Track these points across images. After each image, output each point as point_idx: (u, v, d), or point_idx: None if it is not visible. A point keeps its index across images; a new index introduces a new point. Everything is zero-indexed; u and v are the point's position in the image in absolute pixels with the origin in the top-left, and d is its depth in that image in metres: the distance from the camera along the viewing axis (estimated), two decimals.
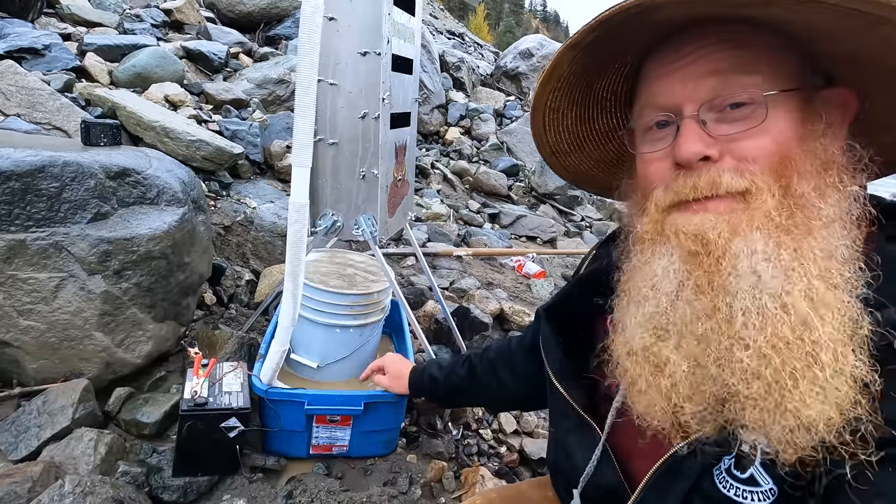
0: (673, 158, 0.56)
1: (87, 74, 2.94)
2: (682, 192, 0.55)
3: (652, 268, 0.57)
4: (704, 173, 0.53)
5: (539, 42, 6.86)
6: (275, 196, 2.85)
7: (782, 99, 0.53)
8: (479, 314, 2.30)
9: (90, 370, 1.48)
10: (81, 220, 1.42)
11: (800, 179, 0.52)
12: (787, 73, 0.54)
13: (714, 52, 0.54)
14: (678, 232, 0.55)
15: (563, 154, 0.75)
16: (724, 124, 0.54)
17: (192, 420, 1.32)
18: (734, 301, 0.49)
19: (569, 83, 0.64)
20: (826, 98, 0.56)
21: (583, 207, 4.80)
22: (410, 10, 1.76)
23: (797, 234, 0.50)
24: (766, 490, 0.51)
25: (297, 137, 1.22)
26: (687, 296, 0.53)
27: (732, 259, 0.50)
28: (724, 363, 0.50)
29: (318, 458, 1.56)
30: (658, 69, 0.59)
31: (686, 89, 0.55)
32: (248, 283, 2.25)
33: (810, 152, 0.53)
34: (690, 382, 0.53)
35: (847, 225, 0.52)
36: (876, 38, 0.47)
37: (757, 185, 0.52)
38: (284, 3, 4.60)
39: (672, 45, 0.57)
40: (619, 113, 0.72)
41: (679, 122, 0.55)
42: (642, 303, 0.58)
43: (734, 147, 0.53)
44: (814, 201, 0.51)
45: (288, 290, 1.35)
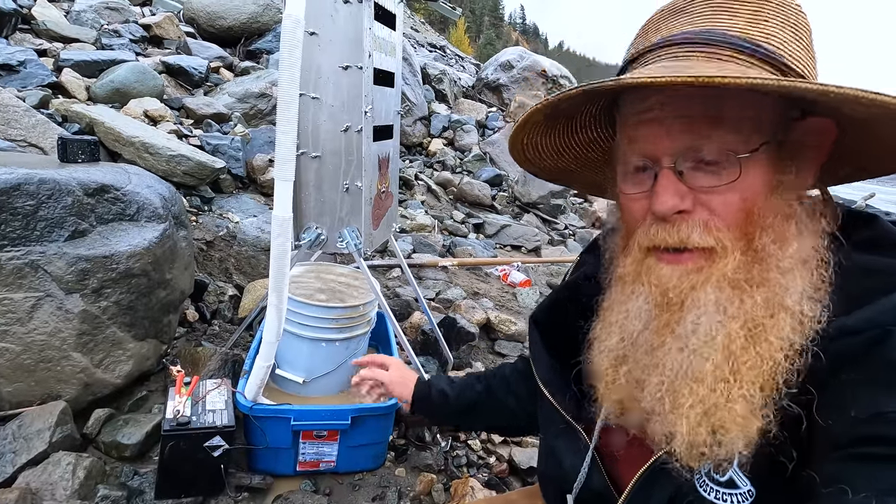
0: (650, 206, 0.58)
1: (63, 90, 2.90)
2: (655, 241, 0.58)
3: (626, 306, 0.63)
4: (675, 229, 0.56)
5: (519, 54, 6.97)
6: (258, 210, 2.83)
7: (757, 155, 0.53)
8: (465, 324, 2.31)
9: (68, 392, 1.44)
10: (58, 239, 1.40)
11: (762, 234, 0.54)
12: (758, 124, 0.54)
13: (689, 107, 0.54)
14: (650, 282, 0.60)
15: (549, 171, 0.77)
16: (700, 174, 0.55)
17: (174, 440, 1.30)
18: (676, 340, 0.56)
19: (542, 127, 0.67)
20: (804, 128, 0.56)
21: (566, 216, 4.85)
22: (391, 24, 1.78)
23: (747, 287, 0.54)
24: (744, 492, 0.53)
25: (279, 151, 1.22)
26: (648, 333, 0.60)
27: (687, 309, 0.56)
28: (644, 385, 0.59)
29: (305, 475, 1.53)
30: (633, 116, 0.59)
31: (661, 141, 0.56)
32: (232, 299, 2.22)
33: (774, 207, 0.55)
34: (633, 399, 0.61)
35: (811, 264, 0.54)
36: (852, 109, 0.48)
37: (722, 245, 0.55)
38: (265, 17, 4.61)
39: (646, 90, 0.56)
40: (600, 129, 0.73)
41: (657, 170, 0.57)
42: (612, 334, 0.64)
43: (706, 199, 0.55)
44: (773, 252, 0.54)
45: (272, 305, 1.34)
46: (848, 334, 0.49)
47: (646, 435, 0.61)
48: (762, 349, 0.52)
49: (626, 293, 0.63)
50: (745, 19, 0.55)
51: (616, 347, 0.63)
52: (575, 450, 0.70)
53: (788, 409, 0.50)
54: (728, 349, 0.52)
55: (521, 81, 6.69)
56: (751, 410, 0.51)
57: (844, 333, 0.49)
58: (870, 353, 0.48)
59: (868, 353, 0.48)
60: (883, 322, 0.48)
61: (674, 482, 0.56)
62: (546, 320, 0.80)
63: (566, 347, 0.74)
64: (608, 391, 0.64)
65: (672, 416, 0.54)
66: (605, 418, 0.67)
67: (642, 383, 0.60)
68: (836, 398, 0.48)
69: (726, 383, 0.52)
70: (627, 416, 0.63)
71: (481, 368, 2.27)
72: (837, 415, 0.48)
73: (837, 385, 0.49)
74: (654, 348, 0.58)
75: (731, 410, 0.51)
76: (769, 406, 0.51)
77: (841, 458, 0.46)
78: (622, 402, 0.63)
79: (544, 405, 0.75)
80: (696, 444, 0.52)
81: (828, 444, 0.48)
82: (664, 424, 0.55)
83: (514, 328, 2.50)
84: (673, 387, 0.55)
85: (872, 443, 0.45)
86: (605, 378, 0.65)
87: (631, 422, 0.63)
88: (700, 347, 0.54)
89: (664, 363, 0.56)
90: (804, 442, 0.50)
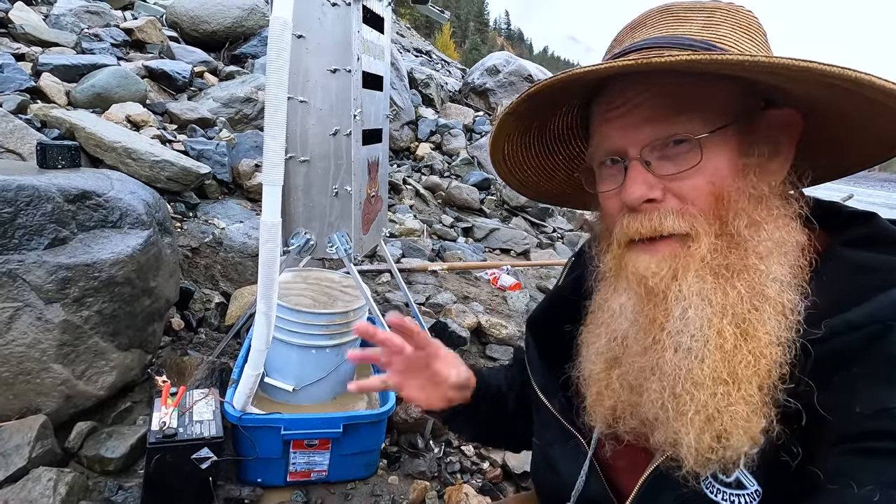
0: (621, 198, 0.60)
1: (42, 95, 2.84)
2: (630, 232, 0.59)
3: (611, 305, 0.63)
4: (647, 217, 0.57)
5: (505, 59, 7.02)
6: (244, 216, 2.79)
7: (715, 137, 0.55)
8: (456, 328, 2.29)
9: (48, 405, 1.39)
10: (38, 247, 1.36)
11: (735, 217, 0.55)
12: (720, 109, 0.56)
13: (646, 100, 0.56)
14: (629, 273, 0.59)
15: (534, 183, 0.79)
16: (667, 162, 0.57)
17: (160, 453, 1.26)
18: (667, 338, 0.55)
19: (520, 131, 0.69)
20: (769, 120, 0.57)
21: (554, 219, 4.88)
22: (379, 28, 1.77)
23: (728, 275, 0.54)
24: (751, 492, 0.53)
25: (267, 155, 1.20)
26: (636, 331, 0.59)
27: (672, 301, 0.55)
28: (642, 390, 0.58)
29: (296, 486, 1.50)
30: (600, 115, 0.62)
31: (626, 135, 0.58)
32: (218, 306, 2.18)
33: (743, 189, 0.55)
34: (628, 404, 0.60)
35: (788, 249, 0.55)
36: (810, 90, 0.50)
37: (696, 230, 0.55)
38: (250, 21, 4.57)
39: (610, 92, 0.60)
40: (578, 142, 0.75)
41: (626, 162, 0.59)
42: (601, 335, 0.64)
43: (675, 187, 0.56)
44: (749, 237, 0.54)
45: (261, 312, 1.31)
46: (849, 330, 0.49)
47: (643, 442, 0.60)
48: (753, 346, 0.52)
49: (610, 291, 0.63)
50: (700, 25, 0.58)
51: (606, 349, 0.63)
52: (572, 456, 0.69)
53: (787, 405, 0.50)
54: (722, 349, 0.52)
55: (507, 86, 6.73)
56: (752, 411, 0.51)
57: (847, 328, 0.49)
58: (871, 348, 0.48)
59: (869, 349, 0.48)
60: (883, 317, 0.48)
61: (678, 486, 0.55)
62: (541, 325, 0.80)
63: (562, 353, 0.74)
64: (600, 397, 0.63)
65: (676, 423, 0.53)
66: (597, 427, 0.66)
67: (639, 388, 0.59)
68: (839, 393, 0.48)
69: (725, 386, 0.52)
70: (621, 422, 0.62)
71: None
72: (840, 410, 0.48)
73: (839, 380, 0.49)
74: (645, 348, 0.58)
75: (733, 414, 0.51)
76: (769, 404, 0.51)
77: (845, 453, 0.46)
78: (615, 409, 0.62)
79: (541, 411, 0.74)
80: (702, 451, 0.52)
81: (831, 440, 0.48)
82: (668, 432, 0.55)
83: (504, 332, 2.50)
84: (674, 392, 0.54)
85: (877, 437, 0.45)
86: (597, 383, 0.64)
87: (625, 428, 0.61)
88: (693, 348, 0.53)
89: (661, 366, 0.55)
90: (807, 437, 0.50)
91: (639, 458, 0.61)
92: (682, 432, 0.53)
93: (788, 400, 0.50)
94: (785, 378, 0.51)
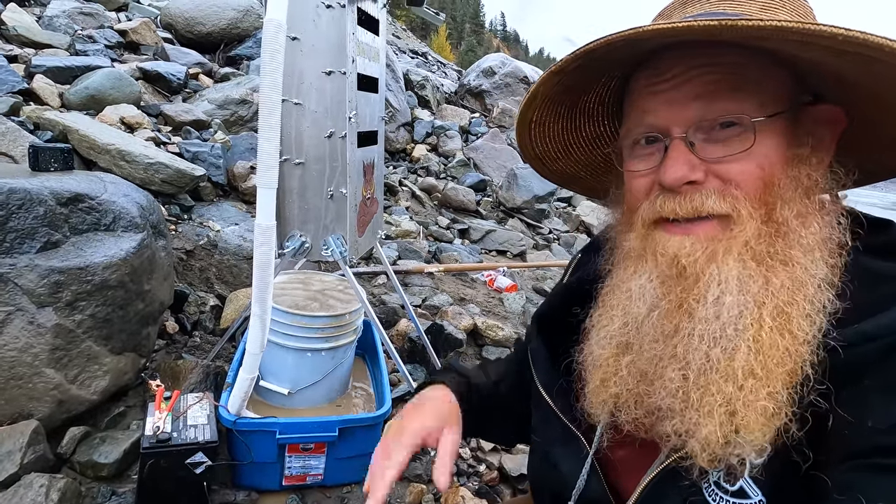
0: (658, 178, 0.56)
1: (35, 97, 2.82)
2: (664, 212, 0.56)
3: (629, 286, 0.59)
4: (688, 198, 0.54)
5: (501, 60, 7.02)
6: (239, 218, 2.78)
7: (769, 123, 0.53)
8: (452, 330, 2.29)
9: (40, 410, 1.38)
10: (30, 250, 1.34)
11: (783, 206, 0.52)
12: (775, 95, 0.54)
13: (702, 75, 0.53)
14: (657, 253, 0.56)
15: (551, 161, 0.75)
16: (712, 145, 0.54)
17: (154, 458, 1.25)
18: (695, 325, 0.52)
19: (553, 101, 0.65)
20: (815, 115, 0.56)
21: (550, 220, 4.88)
22: (374, 30, 1.77)
23: (772, 263, 0.51)
24: (755, 502, 0.51)
25: (262, 158, 1.19)
26: (656, 316, 0.56)
27: (704, 285, 0.52)
28: (656, 378, 0.55)
29: (291, 490, 1.49)
30: (646, 88, 0.58)
31: (672, 112, 0.55)
32: (213, 309, 2.16)
33: (794, 178, 0.53)
34: (635, 393, 0.57)
35: (828, 248, 0.53)
36: (864, 70, 0.48)
37: (739, 212, 0.52)
38: (245, 23, 4.55)
39: (659, 64, 0.56)
40: (606, 121, 0.72)
41: (668, 142, 0.56)
42: (615, 318, 0.60)
43: (720, 169, 0.54)
44: (795, 228, 0.52)
45: (256, 315, 1.30)
46: (864, 341, 0.48)
47: (642, 433, 0.58)
48: (788, 342, 0.49)
49: (629, 272, 0.59)
50: (759, 6, 0.57)
51: (618, 333, 0.59)
52: (573, 456, 0.67)
53: (814, 405, 0.48)
54: (758, 341, 0.49)
55: (503, 87, 6.73)
56: (776, 409, 0.48)
57: (862, 339, 0.48)
58: (886, 360, 0.47)
59: (884, 361, 0.47)
60: None
61: (681, 491, 0.54)
62: (548, 322, 0.78)
63: (567, 343, 0.71)
64: (605, 384, 0.60)
65: (695, 413, 0.51)
66: (596, 414, 0.63)
67: (650, 376, 0.56)
68: (853, 405, 0.47)
69: (756, 380, 0.49)
70: (624, 411, 0.59)
71: None
72: (853, 422, 0.46)
73: (854, 391, 0.47)
74: (666, 336, 0.54)
75: (757, 409, 0.48)
76: (791, 404, 0.49)
77: (856, 468, 0.45)
78: (618, 396, 0.59)
79: (542, 409, 0.73)
80: (714, 444, 0.49)
81: (843, 451, 0.46)
82: (682, 423, 0.52)
83: (501, 333, 2.49)
84: (699, 382, 0.51)
85: (889, 454, 0.44)
86: (603, 369, 0.61)
87: (626, 418, 0.58)
88: (726, 337, 0.50)
89: (684, 354, 0.52)
90: (820, 443, 0.48)
91: (640, 461, 0.60)
92: (700, 423, 0.50)
93: (818, 399, 0.48)
94: (809, 379, 0.49)
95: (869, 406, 0.46)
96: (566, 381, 0.70)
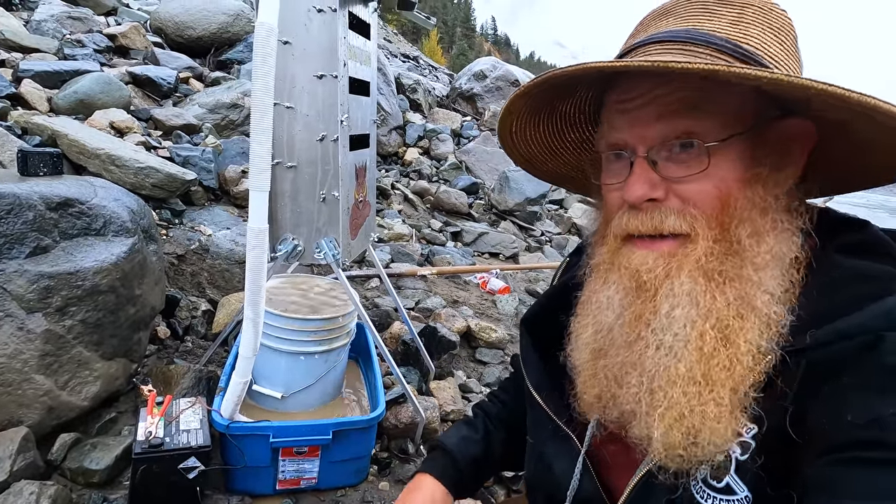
0: (622, 195, 0.59)
1: (23, 102, 2.79)
2: (629, 228, 0.59)
3: (599, 297, 0.63)
4: (649, 215, 0.57)
5: (492, 64, 7.06)
6: (231, 222, 2.77)
7: (724, 146, 0.54)
8: (446, 333, 2.29)
9: (30, 417, 1.37)
10: (19, 256, 1.33)
11: (738, 225, 0.55)
12: (738, 114, 0.55)
13: (664, 95, 0.55)
14: (621, 266, 0.59)
15: (541, 162, 0.77)
16: (673, 165, 0.56)
17: (146, 463, 1.24)
18: (651, 335, 0.56)
19: (530, 111, 0.67)
20: (783, 130, 0.56)
21: (542, 223, 4.90)
22: (365, 33, 1.77)
23: (720, 280, 0.54)
24: (741, 497, 0.52)
25: (253, 161, 1.19)
26: (620, 325, 0.60)
27: (661, 299, 0.56)
28: (622, 383, 0.59)
29: (285, 494, 1.49)
30: (614, 106, 0.60)
31: (636, 131, 0.57)
32: (205, 314, 2.15)
33: (750, 198, 0.55)
34: (610, 395, 0.61)
35: (785, 262, 0.55)
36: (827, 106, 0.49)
37: (696, 231, 0.55)
38: (236, 27, 4.54)
39: (627, 83, 0.58)
40: (590, 127, 0.74)
41: (632, 158, 0.58)
42: (588, 326, 0.64)
43: (679, 189, 0.56)
44: (748, 247, 0.54)
45: (248, 319, 1.30)
46: (840, 339, 0.49)
47: (624, 434, 0.61)
48: (732, 352, 0.52)
49: (600, 283, 0.63)
50: (728, 21, 0.57)
51: (592, 341, 0.63)
52: (566, 455, 0.69)
53: (794, 403, 0.50)
54: (701, 350, 0.53)
55: (494, 91, 6.76)
56: (722, 413, 0.51)
57: (838, 337, 0.49)
58: (862, 357, 0.48)
59: (861, 358, 0.48)
60: (875, 327, 0.47)
61: (669, 489, 0.55)
62: (537, 324, 0.80)
63: (556, 345, 0.73)
64: (587, 385, 0.64)
65: (649, 418, 0.54)
66: (585, 413, 0.66)
67: (620, 381, 0.60)
68: (829, 403, 0.48)
69: (697, 386, 0.52)
70: (607, 411, 0.63)
71: (462, 377, 2.25)
72: (830, 419, 0.47)
73: (829, 390, 0.49)
74: (629, 342, 0.58)
75: (702, 414, 0.52)
76: (742, 409, 0.51)
77: (837, 462, 0.46)
78: (600, 397, 0.63)
79: (534, 410, 0.74)
80: (672, 447, 0.53)
81: (823, 446, 0.47)
82: (642, 427, 0.56)
83: (494, 335, 2.50)
84: (651, 388, 0.55)
85: (869, 447, 0.45)
86: (585, 372, 0.65)
87: (609, 418, 0.63)
88: (674, 346, 0.54)
89: (642, 362, 0.56)
90: (795, 444, 0.50)
91: (631, 459, 0.61)
92: (652, 427, 0.54)
93: (757, 408, 0.51)
94: (760, 385, 0.51)
95: (848, 402, 0.47)
96: (557, 381, 0.71)
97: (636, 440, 0.57)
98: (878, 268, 0.52)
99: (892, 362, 0.46)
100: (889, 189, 0.89)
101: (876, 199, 16.68)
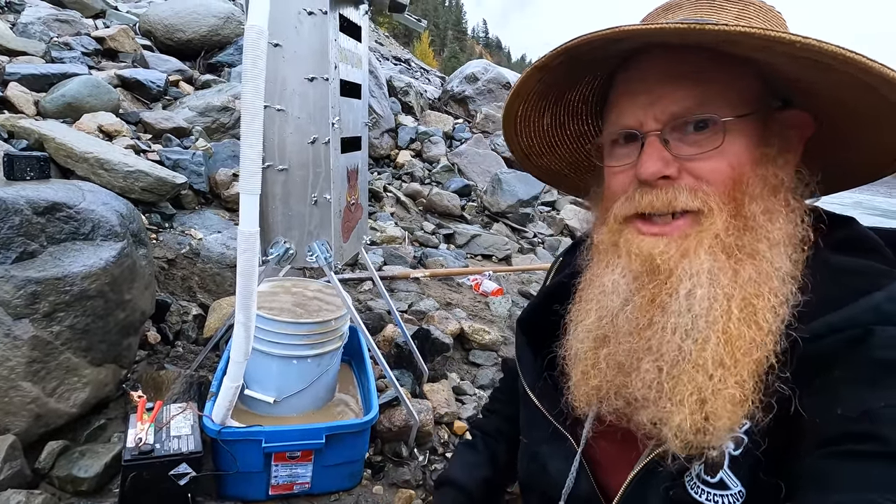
0: (635, 173, 0.59)
1: (9, 105, 2.76)
2: (640, 206, 0.58)
3: (603, 280, 0.61)
4: (662, 192, 0.57)
5: (483, 67, 7.08)
6: (222, 226, 2.75)
7: (739, 124, 0.56)
8: (439, 335, 2.29)
9: (17, 425, 1.34)
10: (5, 261, 1.31)
11: (751, 202, 0.55)
12: (746, 98, 0.57)
13: (676, 77, 0.56)
14: (630, 252, 0.58)
15: (537, 156, 0.78)
16: (685, 145, 0.57)
17: (136, 470, 1.23)
18: (668, 318, 0.54)
19: (538, 95, 0.67)
20: (783, 120, 0.59)
21: (534, 224, 4.92)
22: (357, 36, 1.77)
23: (740, 256, 0.54)
24: (735, 493, 0.53)
25: (244, 164, 1.19)
26: (630, 310, 0.58)
27: (677, 280, 0.54)
28: (632, 370, 0.57)
29: (278, 499, 1.48)
30: (625, 88, 0.61)
31: (648, 111, 0.58)
32: (196, 318, 2.13)
33: (762, 176, 0.56)
34: (614, 384, 0.60)
35: (793, 244, 0.55)
36: (823, 77, 0.51)
37: (709, 206, 0.55)
38: (226, 30, 4.52)
39: (638, 66, 0.60)
40: (590, 119, 0.75)
41: (644, 139, 0.58)
42: (591, 311, 0.63)
43: (692, 167, 0.57)
44: (762, 223, 0.55)
45: (240, 323, 1.29)
46: (830, 332, 0.49)
47: (625, 423, 0.60)
48: (755, 333, 0.51)
49: (602, 267, 0.62)
50: (734, 15, 0.60)
51: (595, 327, 0.62)
52: (562, 455, 0.68)
53: (782, 394, 0.50)
54: (727, 332, 0.52)
55: (486, 93, 6.78)
56: (743, 397, 0.50)
57: (830, 331, 0.49)
58: (852, 351, 0.48)
59: (851, 352, 0.48)
60: (864, 321, 0.48)
61: (665, 485, 0.55)
62: (532, 324, 0.80)
63: (550, 339, 0.73)
64: (585, 376, 0.62)
65: (667, 403, 0.53)
66: (580, 407, 0.65)
67: (627, 367, 0.58)
68: (820, 396, 0.49)
69: (725, 369, 0.51)
70: (605, 402, 0.61)
71: (456, 379, 2.25)
72: (822, 413, 0.48)
73: (820, 383, 0.49)
74: (640, 328, 0.57)
75: (724, 397, 0.50)
76: (758, 391, 0.51)
77: (828, 454, 0.46)
78: (599, 388, 0.61)
79: (528, 410, 0.74)
80: (686, 432, 0.51)
81: (815, 438, 0.48)
82: (656, 412, 0.54)
83: (487, 337, 2.50)
84: (672, 373, 0.53)
85: (859, 440, 0.45)
86: (583, 362, 0.63)
87: (608, 408, 0.61)
88: (697, 328, 0.52)
89: (658, 347, 0.55)
90: (792, 432, 0.50)
91: (625, 456, 0.62)
92: (673, 412, 0.52)
93: (782, 388, 0.50)
94: (774, 368, 0.51)
95: (839, 395, 0.47)
96: (551, 378, 0.71)
97: (642, 428, 0.56)
98: (864, 263, 0.54)
99: (881, 356, 0.47)
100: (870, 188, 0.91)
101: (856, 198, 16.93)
